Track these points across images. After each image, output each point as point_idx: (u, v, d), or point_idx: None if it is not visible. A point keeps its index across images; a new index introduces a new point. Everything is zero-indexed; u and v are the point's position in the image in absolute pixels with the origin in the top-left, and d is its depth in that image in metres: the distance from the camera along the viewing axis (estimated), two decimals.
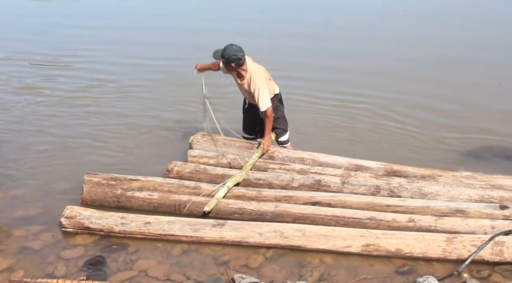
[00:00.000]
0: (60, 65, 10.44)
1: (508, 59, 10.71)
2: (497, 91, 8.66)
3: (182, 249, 4.34)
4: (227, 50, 5.20)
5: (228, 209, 4.69)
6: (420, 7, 16.28)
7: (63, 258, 4.24)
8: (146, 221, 4.46)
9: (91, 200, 4.93)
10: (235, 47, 5.22)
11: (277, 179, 5.11)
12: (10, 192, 5.34)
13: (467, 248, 4.06)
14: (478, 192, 4.84)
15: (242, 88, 5.50)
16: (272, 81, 5.56)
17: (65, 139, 6.71)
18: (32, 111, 7.72)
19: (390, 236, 4.21)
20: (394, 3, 17.43)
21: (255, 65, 5.42)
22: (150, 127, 7.13)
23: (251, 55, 5.48)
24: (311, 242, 4.25)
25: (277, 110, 5.56)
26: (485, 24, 13.96)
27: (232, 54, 5.18)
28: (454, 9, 15.82)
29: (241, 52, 5.21)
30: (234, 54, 5.18)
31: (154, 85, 9.04)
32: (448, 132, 6.96)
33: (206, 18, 14.81)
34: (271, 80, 5.54)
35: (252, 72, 5.31)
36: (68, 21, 14.41)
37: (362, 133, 6.98)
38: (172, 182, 5.08)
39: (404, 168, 5.30)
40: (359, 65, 10.01)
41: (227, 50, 5.20)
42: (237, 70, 5.34)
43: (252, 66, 5.35)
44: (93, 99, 8.28)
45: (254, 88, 5.28)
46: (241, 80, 5.40)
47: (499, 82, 8.99)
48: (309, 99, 8.08)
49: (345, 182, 5.01)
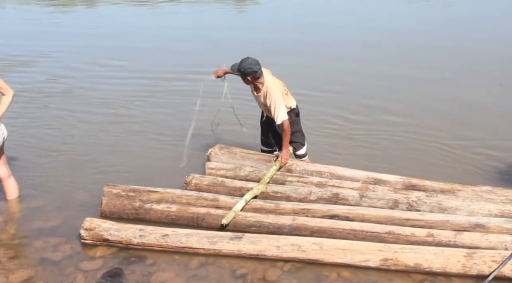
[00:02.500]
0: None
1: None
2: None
3: (199, 262, 4.35)
4: (243, 63, 5.24)
5: (246, 222, 4.70)
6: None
7: (82, 269, 4.28)
8: (164, 234, 4.48)
9: (110, 212, 4.97)
10: (251, 60, 5.25)
11: (295, 192, 5.11)
12: (30, 203, 5.41)
13: (488, 264, 4.01)
14: (499, 207, 4.77)
15: (259, 101, 5.52)
16: (289, 95, 5.58)
17: (85, 150, 6.78)
18: (56, 120, 7.86)
19: (409, 250, 4.17)
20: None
21: (272, 78, 5.44)
22: (169, 139, 7.16)
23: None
24: (329, 256, 4.23)
25: (294, 124, 5.56)
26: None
27: (247, 67, 5.22)
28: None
29: (257, 65, 5.24)
30: (249, 67, 5.22)
31: (175, 96, 9.07)
32: (470, 146, 6.86)
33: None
34: (288, 95, 5.56)
35: (268, 85, 5.34)
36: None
37: (380, 145, 6.91)
38: (191, 194, 5.11)
39: (423, 182, 5.26)
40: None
41: (243, 63, 5.24)
42: (254, 83, 5.37)
43: (268, 79, 5.38)
44: (114, 110, 8.34)
45: (270, 102, 5.30)
46: (258, 92, 5.43)
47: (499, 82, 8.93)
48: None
49: (363, 195, 4.99)
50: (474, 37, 12.54)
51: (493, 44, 11.84)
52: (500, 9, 15.66)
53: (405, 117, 7.75)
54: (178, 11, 18.40)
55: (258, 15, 17.91)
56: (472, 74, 9.69)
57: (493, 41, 12.13)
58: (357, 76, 9.70)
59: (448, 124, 7.46)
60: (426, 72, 9.77)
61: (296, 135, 5.66)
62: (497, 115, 7.74)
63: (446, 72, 9.77)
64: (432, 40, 12.41)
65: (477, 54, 11.09)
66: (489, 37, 12.55)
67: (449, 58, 10.97)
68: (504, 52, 11.08)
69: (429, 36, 12.82)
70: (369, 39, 12.61)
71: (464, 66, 10.30)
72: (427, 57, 11.10)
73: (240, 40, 12.67)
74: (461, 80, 9.39)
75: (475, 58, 10.84)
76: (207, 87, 5.83)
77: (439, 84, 9.19)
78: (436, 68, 10.06)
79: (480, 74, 9.66)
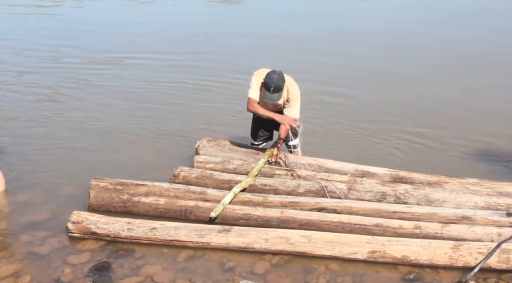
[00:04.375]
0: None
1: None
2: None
3: (188, 255, 4.34)
4: (275, 80, 5.11)
5: (234, 215, 4.70)
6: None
7: (69, 263, 4.25)
8: (152, 227, 4.47)
9: (98, 205, 4.95)
10: (276, 74, 5.14)
11: (283, 185, 5.12)
12: (17, 197, 5.36)
13: (474, 256, 4.04)
14: (485, 199, 4.82)
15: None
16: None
17: (72, 145, 6.74)
18: (42, 116, 7.79)
19: (396, 243, 4.20)
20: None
21: (288, 78, 5.37)
22: (156, 132, 7.16)
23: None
24: (317, 249, 4.25)
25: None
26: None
27: (281, 81, 5.14)
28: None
29: (282, 74, 5.19)
30: (282, 80, 5.15)
31: (163, 91, 9.08)
32: (454, 137, 6.94)
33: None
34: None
35: (289, 84, 5.29)
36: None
37: (367, 139, 6.97)
38: (179, 187, 5.10)
39: (410, 175, 5.30)
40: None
41: (275, 80, 5.11)
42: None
43: (288, 78, 5.31)
44: (98, 105, 8.32)
45: (292, 99, 5.30)
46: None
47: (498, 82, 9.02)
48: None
49: (351, 188, 5.01)
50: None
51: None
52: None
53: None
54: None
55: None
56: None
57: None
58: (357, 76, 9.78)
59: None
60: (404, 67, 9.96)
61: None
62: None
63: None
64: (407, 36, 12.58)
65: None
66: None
67: (424, 54, 11.11)
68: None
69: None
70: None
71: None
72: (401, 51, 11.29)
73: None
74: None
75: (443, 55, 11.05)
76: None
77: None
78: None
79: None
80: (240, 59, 10.90)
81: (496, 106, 8.10)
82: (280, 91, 5.15)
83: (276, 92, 5.13)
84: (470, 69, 10.19)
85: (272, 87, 5.10)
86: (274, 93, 5.13)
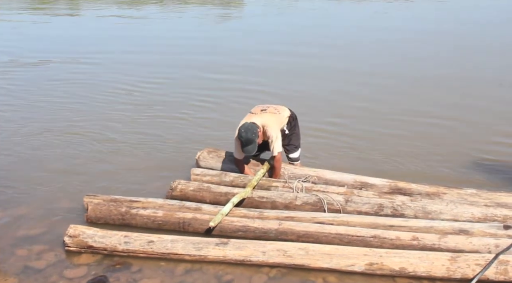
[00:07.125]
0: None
1: None
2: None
3: (185, 268, 4.33)
4: (247, 135, 5.22)
5: (232, 226, 4.69)
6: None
7: (66, 277, 4.24)
8: (149, 240, 4.46)
9: (96, 218, 4.95)
10: (246, 130, 5.24)
11: (280, 197, 5.11)
12: (14, 211, 5.34)
13: (471, 267, 4.03)
14: (482, 210, 4.80)
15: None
16: (279, 113, 5.62)
17: (69, 158, 6.71)
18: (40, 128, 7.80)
19: (394, 254, 4.19)
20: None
21: (264, 116, 5.46)
22: (155, 145, 7.13)
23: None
24: (315, 261, 4.23)
25: (292, 126, 5.71)
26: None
27: (251, 136, 5.22)
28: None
29: (254, 129, 5.26)
30: (253, 134, 5.23)
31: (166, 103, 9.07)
32: (456, 145, 6.92)
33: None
34: (279, 113, 5.62)
35: (266, 126, 5.38)
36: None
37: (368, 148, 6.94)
38: (173, 203, 5.07)
39: (409, 185, 5.29)
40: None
41: (247, 135, 5.22)
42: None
43: (264, 121, 5.39)
44: (96, 116, 8.31)
45: (271, 138, 5.37)
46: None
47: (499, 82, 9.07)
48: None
49: (349, 200, 5.00)
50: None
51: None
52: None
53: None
54: None
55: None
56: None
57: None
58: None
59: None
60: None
61: (293, 137, 5.74)
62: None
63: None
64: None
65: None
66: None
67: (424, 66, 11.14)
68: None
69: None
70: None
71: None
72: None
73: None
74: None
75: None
76: None
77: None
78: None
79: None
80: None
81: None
82: (252, 143, 5.25)
83: (248, 145, 5.26)
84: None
85: (243, 142, 5.27)
86: (247, 146, 5.28)
